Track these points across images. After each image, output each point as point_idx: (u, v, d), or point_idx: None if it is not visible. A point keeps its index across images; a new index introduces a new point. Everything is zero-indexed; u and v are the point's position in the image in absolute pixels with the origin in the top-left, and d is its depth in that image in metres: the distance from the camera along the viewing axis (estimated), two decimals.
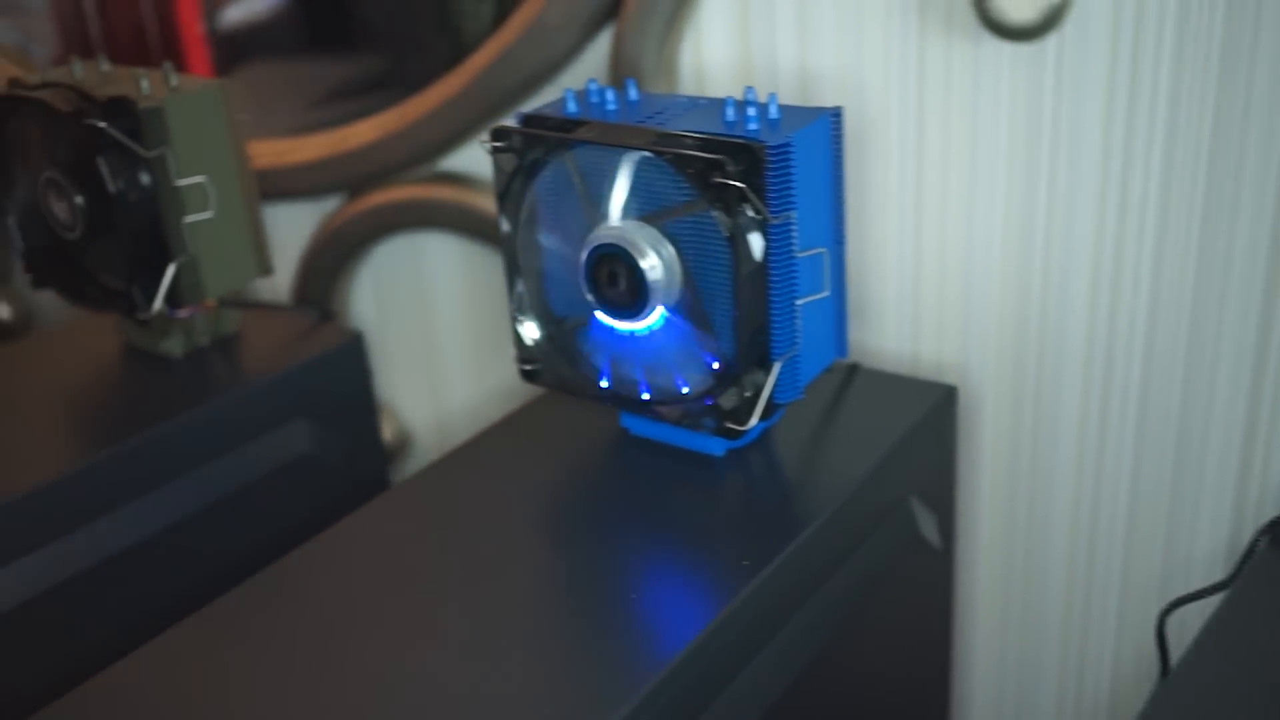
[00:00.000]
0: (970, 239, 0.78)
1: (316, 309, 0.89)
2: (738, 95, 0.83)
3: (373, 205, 0.98)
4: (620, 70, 0.85)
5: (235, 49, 1.15)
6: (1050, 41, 0.72)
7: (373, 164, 0.98)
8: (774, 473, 0.66)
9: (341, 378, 0.84)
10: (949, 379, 0.77)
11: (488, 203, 0.94)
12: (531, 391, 1.01)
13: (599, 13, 0.85)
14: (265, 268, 0.82)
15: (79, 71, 0.80)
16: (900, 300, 0.81)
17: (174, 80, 0.77)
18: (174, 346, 0.83)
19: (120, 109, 0.73)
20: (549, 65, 0.89)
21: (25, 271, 0.84)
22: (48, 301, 1.24)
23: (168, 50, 1.17)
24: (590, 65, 0.88)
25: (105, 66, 0.81)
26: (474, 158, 0.96)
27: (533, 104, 0.92)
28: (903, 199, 0.79)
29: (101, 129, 0.72)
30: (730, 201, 0.56)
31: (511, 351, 1.03)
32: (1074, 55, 0.71)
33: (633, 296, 0.61)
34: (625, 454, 0.68)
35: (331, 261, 1.01)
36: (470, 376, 1.03)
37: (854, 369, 0.74)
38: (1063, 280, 0.75)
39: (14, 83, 0.79)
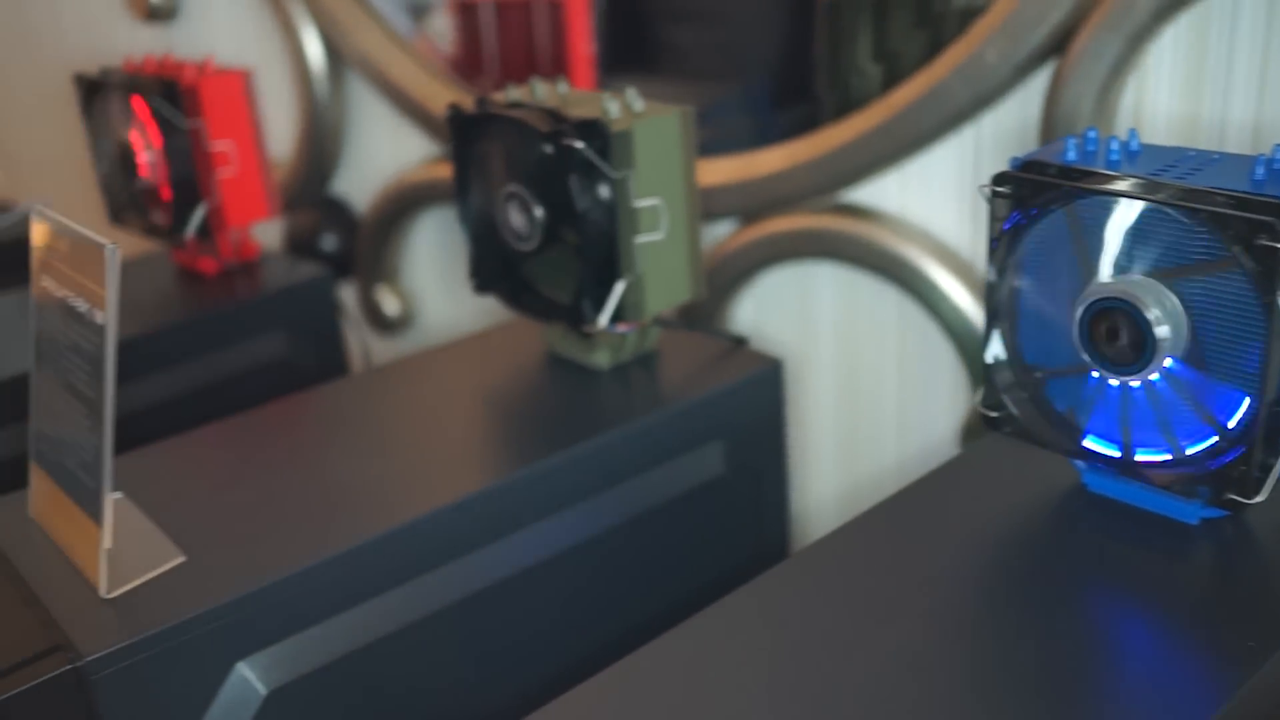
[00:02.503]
0: None
1: (726, 332, 0.91)
2: (1182, 144, 0.80)
3: (770, 232, 1.00)
4: (1054, 112, 0.83)
5: (610, 68, 1.19)
6: None
7: (776, 191, 0.99)
8: (1255, 548, 0.62)
9: (758, 403, 0.85)
10: None
11: (888, 237, 0.94)
12: (894, 432, 1.00)
13: (1039, 52, 0.84)
14: (699, 291, 0.84)
15: (540, 91, 0.84)
16: None
17: (637, 105, 0.79)
18: (602, 359, 0.85)
19: (593, 131, 0.76)
20: (977, 103, 0.87)
21: (471, 277, 0.88)
22: (430, 299, 1.32)
23: (556, 67, 1.22)
24: (1014, 106, 0.87)
25: (563, 88, 0.85)
26: (879, 191, 0.95)
27: (947, 143, 0.91)
28: None
29: (578, 149, 0.75)
30: (1271, 265, 0.54)
31: (891, 391, 1.03)
32: None
33: (1135, 353, 0.59)
34: (1084, 512, 0.66)
35: (719, 283, 1.03)
36: (844, 408, 1.03)
37: None
38: None
39: (483, 101, 0.83)
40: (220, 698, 0.65)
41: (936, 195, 0.94)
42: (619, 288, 0.79)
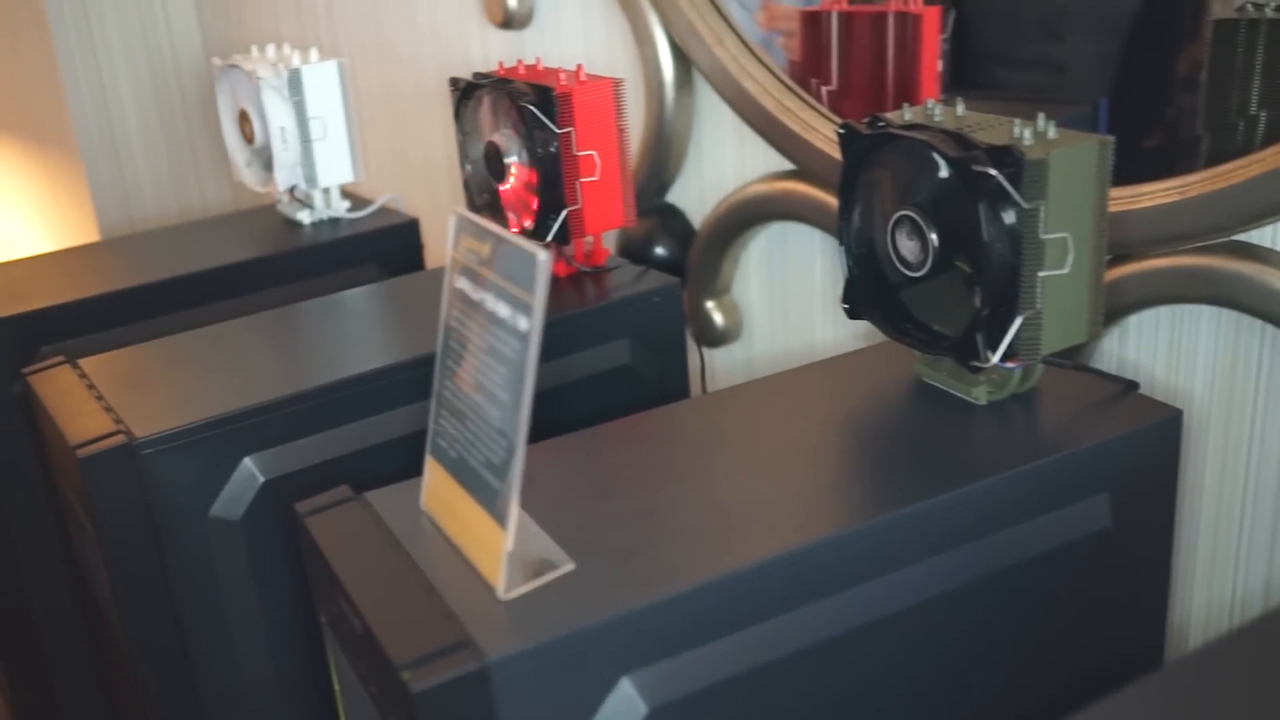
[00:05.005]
0: None
1: (1116, 375, 0.85)
2: None
3: (1148, 269, 0.93)
4: None
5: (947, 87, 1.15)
6: None
7: (1161, 227, 0.92)
8: None
9: (1149, 458, 0.79)
10: None
11: None
12: (1274, 498, 0.91)
13: None
14: (1095, 331, 0.79)
15: (936, 112, 0.81)
16: None
17: (1051, 132, 0.75)
18: (981, 395, 0.82)
19: (1006, 158, 0.72)
20: None
21: (843, 301, 0.86)
22: (757, 315, 1.31)
23: (902, 83, 1.18)
24: None
25: (960, 110, 0.81)
26: None
27: None
28: None
29: (990, 176, 0.72)
30: None
31: (1274, 450, 0.94)
32: None
33: None
34: None
35: None
36: (1216, 466, 0.95)
37: None
38: None
39: (876, 121, 0.81)
40: (603, 710, 0.65)
41: None
42: (1016, 323, 0.75)
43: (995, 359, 0.76)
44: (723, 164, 1.29)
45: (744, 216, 1.25)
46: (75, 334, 1.24)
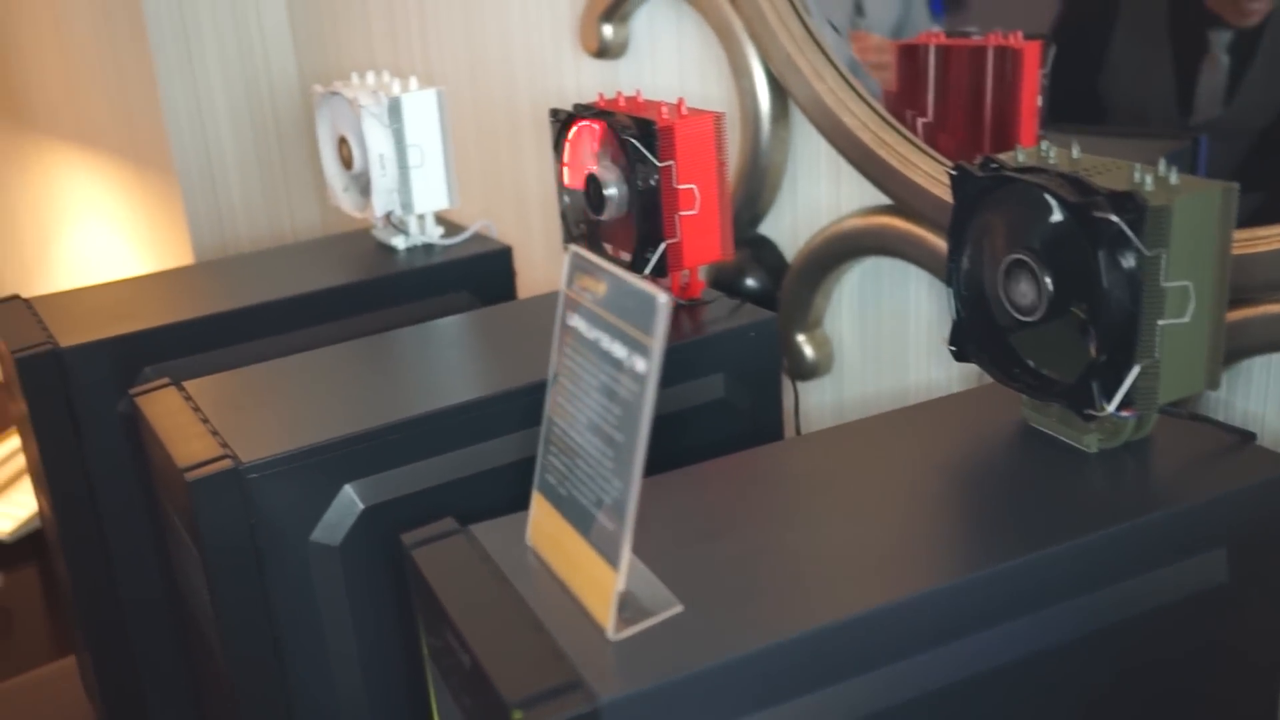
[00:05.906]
0: None
1: (1230, 425, 0.83)
2: None
3: (1267, 314, 0.91)
4: None
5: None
6: None
7: (1274, 271, 0.90)
8: None
9: (1269, 511, 0.77)
10: None
11: None
12: None
13: None
14: (1214, 381, 0.78)
15: (1051, 154, 0.80)
16: None
17: (1173, 178, 0.74)
18: (1093, 442, 0.80)
19: (1128, 204, 0.71)
20: None
21: (950, 343, 0.85)
22: (848, 350, 1.30)
23: (999, 118, 1.17)
24: None
25: (1075, 152, 0.80)
26: None
27: None
28: None
29: (1111, 222, 0.71)
30: None
31: None
32: None
33: None
34: None
35: None
36: None
37: None
38: None
39: (989, 162, 0.80)
40: None
41: None
42: (1134, 372, 0.74)
43: (1111, 408, 0.75)
44: (817, 197, 1.28)
45: (838, 250, 1.24)
46: (176, 355, 1.27)
